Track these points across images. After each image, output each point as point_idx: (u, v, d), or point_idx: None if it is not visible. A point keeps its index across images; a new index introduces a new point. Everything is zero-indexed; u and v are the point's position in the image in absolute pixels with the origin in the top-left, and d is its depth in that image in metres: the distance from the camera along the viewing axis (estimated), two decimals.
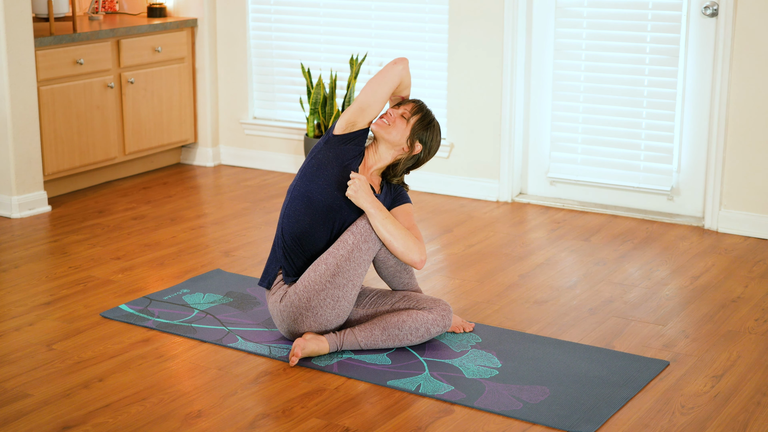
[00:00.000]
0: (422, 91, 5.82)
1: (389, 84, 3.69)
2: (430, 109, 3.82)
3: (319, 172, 3.68)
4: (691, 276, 4.52)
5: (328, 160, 3.68)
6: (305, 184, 3.68)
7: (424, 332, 3.69)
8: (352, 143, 3.70)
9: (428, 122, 3.76)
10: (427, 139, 3.75)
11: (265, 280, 3.76)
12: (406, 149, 3.74)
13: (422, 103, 3.80)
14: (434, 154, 3.85)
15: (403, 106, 3.77)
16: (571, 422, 3.20)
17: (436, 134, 3.78)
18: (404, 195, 3.82)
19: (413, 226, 3.73)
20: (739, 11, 4.91)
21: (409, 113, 3.74)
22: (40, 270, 4.58)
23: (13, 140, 5.29)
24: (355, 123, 3.70)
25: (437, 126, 3.79)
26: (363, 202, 3.60)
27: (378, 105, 3.69)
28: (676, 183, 5.30)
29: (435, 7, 5.73)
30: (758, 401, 3.37)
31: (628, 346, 3.78)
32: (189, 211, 5.50)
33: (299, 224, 3.67)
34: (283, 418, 3.25)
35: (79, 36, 5.61)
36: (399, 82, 3.71)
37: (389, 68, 3.70)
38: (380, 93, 3.68)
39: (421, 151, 3.76)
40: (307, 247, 3.68)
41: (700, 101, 5.15)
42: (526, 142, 5.65)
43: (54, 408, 3.30)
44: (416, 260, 3.63)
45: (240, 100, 6.41)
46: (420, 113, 3.76)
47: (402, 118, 3.73)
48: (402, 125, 3.72)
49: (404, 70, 3.71)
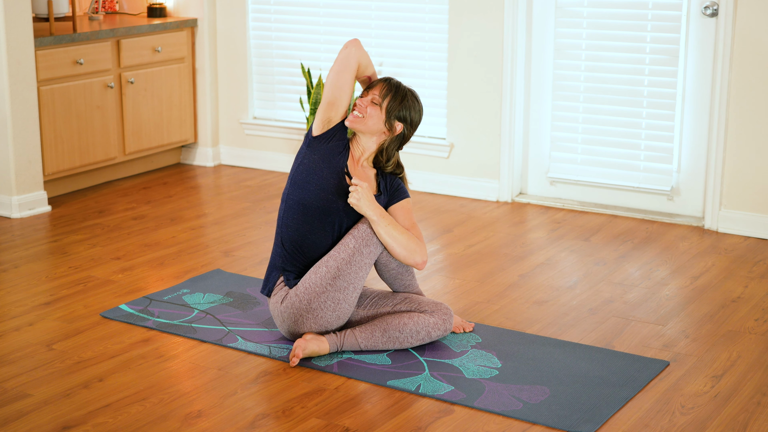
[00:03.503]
0: (422, 90, 5.83)
1: (348, 70, 3.62)
2: (399, 82, 3.72)
3: (310, 177, 3.65)
4: (691, 276, 4.52)
5: (316, 164, 3.65)
6: (298, 192, 3.66)
7: (425, 335, 3.69)
8: (334, 140, 3.66)
9: (401, 98, 3.67)
10: (405, 115, 3.68)
11: (265, 288, 3.76)
12: (387, 133, 3.69)
13: (390, 81, 3.71)
14: (418, 125, 3.75)
15: (372, 91, 3.69)
16: (571, 422, 3.20)
17: (413, 106, 3.70)
18: (401, 190, 3.76)
19: (413, 224, 3.72)
20: (739, 11, 4.91)
21: (380, 97, 3.66)
22: (40, 270, 4.58)
23: (13, 140, 5.29)
24: (331, 119, 3.65)
25: (411, 97, 3.70)
26: (366, 210, 3.57)
27: (345, 94, 3.63)
28: (676, 183, 5.30)
29: (435, 7, 5.73)
30: (758, 401, 3.37)
31: (628, 346, 3.78)
32: (189, 211, 5.50)
33: (298, 232, 3.66)
34: (283, 418, 3.25)
35: (79, 36, 5.61)
36: (357, 64, 3.63)
37: (342, 54, 3.63)
38: (342, 81, 3.62)
39: (404, 128, 3.71)
40: (309, 252, 3.68)
41: (700, 101, 5.15)
42: (526, 142, 5.65)
43: (54, 408, 3.30)
44: (418, 262, 3.63)
45: (240, 100, 6.41)
46: (390, 92, 3.67)
47: (373, 104, 3.66)
48: (375, 112, 3.65)
49: (357, 50, 3.63)
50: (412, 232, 3.68)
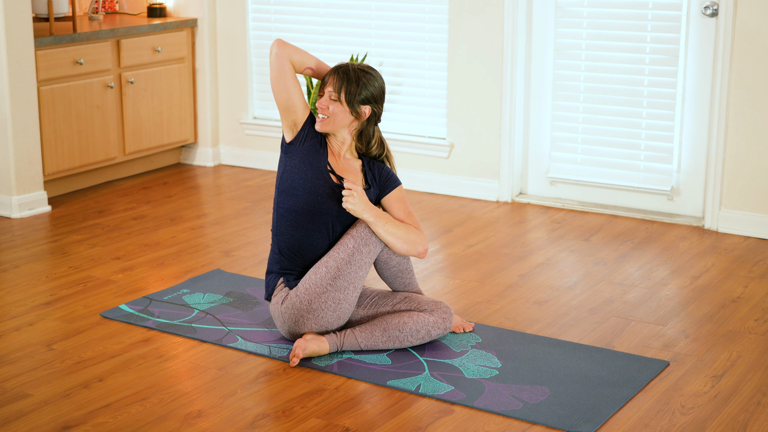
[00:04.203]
0: (422, 90, 5.83)
1: (282, 72, 3.60)
2: (347, 65, 3.65)
3: (295, 183, 3.65)
4: (691, 276, 4.52)
5: (298, 168, 3.65)
6: (286, 200, 3.67)
7: (425, 334, 3.69)
8: (308, 140, 3.66)
9: (356, 82, 3.62)
10: (366, 95, 3.64)
11: (267, 294, 3.76)
12: (357, 120, 3.67)
13: (338, 70, 3.64)
14: (384, 94, 3.69)
15: (326, 87, 3.64)
16: (571, 422, 3.20)
17: (370, 83, 3.64)
18: (391, 178, 3.74)
19: (409, 213, 3.71)
20: (739, 11, 4.91)
21: (335, 91, 3.62)
22: (40, 270, 4.58)
23: (13, 140, 5.29)
24: (295, 122, 3.65)
25: (364, 75, 3.64)
26: (363, 213, 3.56)
27: (294, 95, 3.61)
28: (676, 183, 5.30)
29: (435, 7, 5.73)
30: (758, 401, 3.37)
31: (628, 346, 3.78)
32: (189, 211, 5.50)
33: (294, 238, 3.67)
34: (283, 418, 3.25)
35: (79, 36, 5.61)
36: (288, 62, 3.61)
37: (270, 60, 3.62)
38: (282, 85, 3.60)
39: (373, 108, 3.67)
40: (307, 255, 3.68)
41: (700, 101, 5.15)
42: (526, 142, 5.65)
43: (54, 408, 3.30)
44: (420, 251, 3.65)
45: (240, 100, 6.41)
46: (343, 82, 3.62)
47: (332, 101, 3.63)
48: (337, 108, 3.62)
49: (282, 49, 3.60)
50: (409, 221, 3.69)
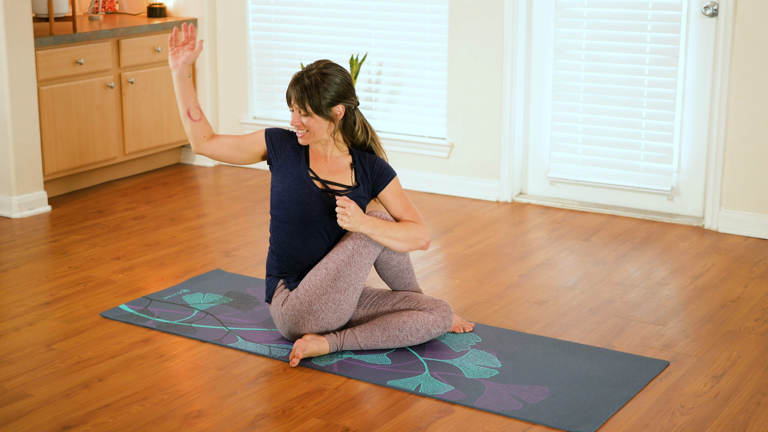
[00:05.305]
0: (422, 90, 5.83)
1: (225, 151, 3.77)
2: (301, 74, 3.60)
3: (283, 196, 3.66)
4: (691, 276, 4.52)
5: (283, 182, 3.67)
6: (278, 212, 3.69)
7: (425, 333, 3.69)
8: (284, 153, 3.69)
9: (316, 89, 3.55)
10: (332, 97, 3.58)
11: (268, 296, 3.76)
12: (334, 122, 3.64)
13: (296, 83, 3.58)
14: (350, 83, 3.63)
15: (292, 106, 3.60)
16: (571, 422, 3.20)
17: (330, 83, 3.57)
18: (385, 171, 3.71)
19: (408, 206, 3.71)
20: (739, 11, 4.91)
21: (300, 107, 3.57)
22: (40, 270, 4.58)
23: (13, 140, 5.29)
24: (259, 153, 3.75)
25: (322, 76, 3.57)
26: (360, 228, 3.55)
27: (239, 149, 3.75)
28: (676, 183, 5.30)
29: (435, 7, 5.73)
30: (758, 401, 3.37)
31: (628, 346, 3.78)
32: (189, 211, 5.50)
33: (291, 245, 3.68)
34: (283, 418, 3.25)
35: (79, 36, 5.61)
36: (209, 144, 3.77)
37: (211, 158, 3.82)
38: (239, 154, 3.77)
39: (345, 104, 3.62)
40: (306, 260, 3.69)
41: (700, 101, 5.15)
42: (526, 142, 5.65)
43: (54, 408, 3.30)
44: (423, 245, 3.65)
45: (240, 100, 6.41)
46: (305, 94, 3.56)
47: (305, 116, 3.59)
48: (310, 121, 3.59)
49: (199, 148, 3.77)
50: (409, 214, 3.68)
